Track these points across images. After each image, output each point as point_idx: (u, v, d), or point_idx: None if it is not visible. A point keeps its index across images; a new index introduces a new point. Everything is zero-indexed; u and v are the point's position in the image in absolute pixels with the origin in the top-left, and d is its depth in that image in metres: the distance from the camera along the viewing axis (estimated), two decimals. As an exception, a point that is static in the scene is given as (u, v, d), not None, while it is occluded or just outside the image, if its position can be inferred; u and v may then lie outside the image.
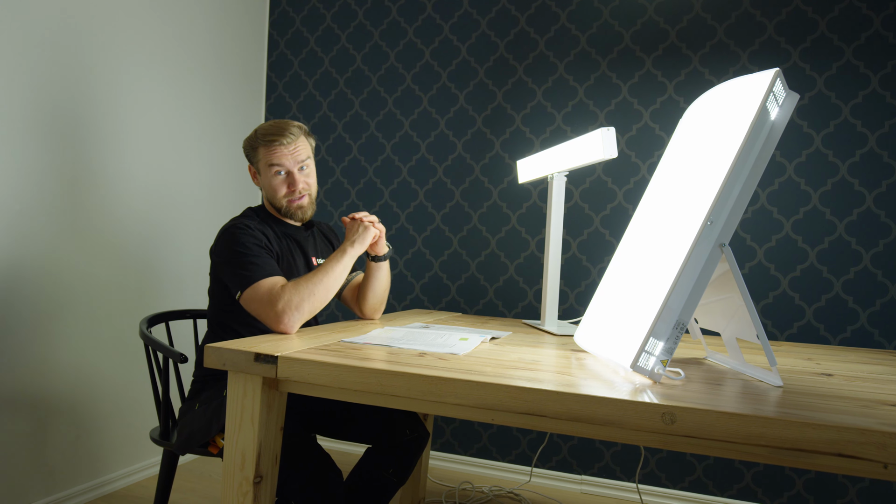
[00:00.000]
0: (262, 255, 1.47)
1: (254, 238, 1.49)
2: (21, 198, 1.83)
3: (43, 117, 1.89)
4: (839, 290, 2.20)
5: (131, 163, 2.22)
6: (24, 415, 1.87)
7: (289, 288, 1.40)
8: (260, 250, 1.48)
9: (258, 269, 1.42)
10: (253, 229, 1.52)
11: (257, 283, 1.40)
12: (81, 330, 2.04)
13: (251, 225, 1.53)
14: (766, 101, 1.00)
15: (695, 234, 0.99)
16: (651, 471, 2.34)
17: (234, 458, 1.18)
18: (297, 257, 1.66)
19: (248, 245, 1.46)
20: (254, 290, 1.40)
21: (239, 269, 1.43)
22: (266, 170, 1.60)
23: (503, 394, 0.96)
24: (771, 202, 2.26)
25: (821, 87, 2.21)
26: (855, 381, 1.15)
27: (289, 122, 1.62)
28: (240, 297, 1.42)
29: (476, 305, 2.61)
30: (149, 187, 2.30)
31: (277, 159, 1.58)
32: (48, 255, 1.92)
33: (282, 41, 2.93)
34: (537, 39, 2.53)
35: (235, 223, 1.53)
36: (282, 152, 1.58)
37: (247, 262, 1.43)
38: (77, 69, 1.99)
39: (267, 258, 1.47)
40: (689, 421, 0.86)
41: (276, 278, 1.43)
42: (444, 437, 2.62)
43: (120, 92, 2.16)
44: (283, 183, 1.61)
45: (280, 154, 1.58)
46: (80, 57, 2.00)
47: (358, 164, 2.81)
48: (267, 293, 1.39)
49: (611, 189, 2.43)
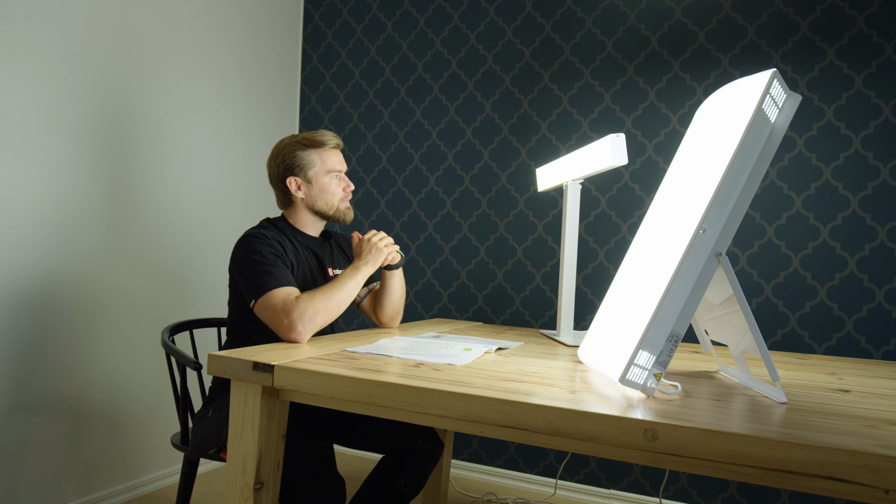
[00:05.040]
0: (277, 264, 1.50)
1: (270, 247, 1.52)
2: (62, 210, 1.94)
3: (85, 130, 2.00)
4: (824, 296, 2.10)
5: (170, 176, 2.31)
6: (62, 418, 1.97)
7: (304, 298, 1.42)
8: (276, 259, 1.51)
9: (272, 279, 1.45)
10: (269, 238, 1.55)
11: (271, 293, 1.43)
12: (117, 338, 2.14)
13: (268, 234, 1.56)
14: (763, 103, 0.95)
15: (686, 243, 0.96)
16: (682, 487, 2.26)
17: (236, 464, 1.20)
18: (314, 268, 1.68)
19: (263, 254, 1.50)
20: (267, 298, 1.43)
21: (253, 278, 1.46)
22: (323, 175, 1.67)
23: (486, 406, 0.95)
24: (753, 207, 2.18)
25: (803, 89, 2.13)
26: (871, 398, 1.08)
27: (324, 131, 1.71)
28: (253, 305, 1.45)
29: (503, 315, 2.59)
30: (186, 200, 2.39)
31: (337, 163, 1.69)
32: (86, 265, 2.02)
33: (315, 55, 3.00)
34: (563, 46, 2.50)
35: (252, 233, 1.57)
36: (338, 155, 1.70)
37: (261, 270, 1.46)
38: (119, 83, 2.09)
39: (282, 268, 1.50)
40: (672, 438, 0.83)
41: (289, 288, 1.45)
42: (472, 448, 2.61)
43: (160, 105, 2.25)
44: (340, 185, 1.70)
45: (339, 159, 1.70)
46: (123, 71, 2.10)
47: (387, 175, 2.84)
48: (281, 302, 1.41)
49: (638, 196, 2.37)
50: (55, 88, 1.91)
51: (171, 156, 2.33)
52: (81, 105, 1.99)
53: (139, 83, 2.18)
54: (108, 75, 2.07)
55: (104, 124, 2.07)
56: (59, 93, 1.92)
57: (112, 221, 2.11)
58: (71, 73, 1.95)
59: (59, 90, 1.92)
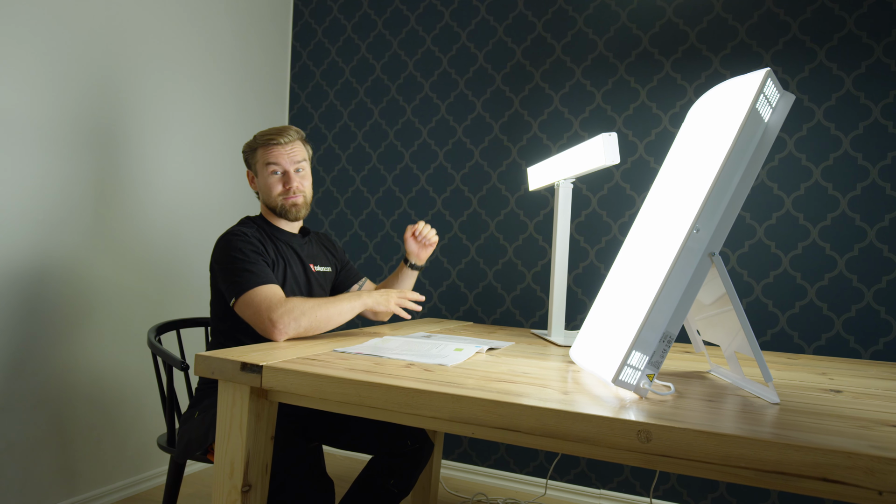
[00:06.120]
0: (258, 262, 1.48)
1: (250, 245, 1.51)
2: (45, 207, 1.90)
3: (70, 127, 1.96)
4: (813, 296, 2.11)
5: (156, 174, 2.28)
6: (46, 419, 1.93)
7: (296, 299, 1.41)
8: (257, 257, 1.49)
9: (253, 277, 1.43)
10: (249, 237, 1.53)
11: (253, 290, 1.41)
12: (102, 338, 2.10)
13: (248, 232, 1.55)
14: (757, 103, 0.95)
15: (680, 243, 0.95)
16: (672, 486, 2.26)
17: (224, 466, 1.18)
18: (295, 264, 1.66)
19: (244, 251, 1.48)
20: (249, 296, 1.41)
21: (234, 276, 1.44)
22: (263, 169, 1.64)
23: (477, 407, 0.93)
24: (743, 207, 2.20)
25: (794, 90, 2.15)
26: (863, 399, 1.08)
27: (287, 125, 1.67)
28: (234, 303, 1.43)
29: (493, 314, 2.58)
30: (172, 198, 2.36)
31: (274, 158, 1.62)
32: (71, 264, 1.99)
33: (304, 52, 2.98)
34: (554, 45, 2.50)
35: (232, 230, 1.55)
36: (279, 151, 1.63)
37: (242, 269, 1.44)
38: (104, 79, 2.06)
39: (263, 265, 1.48)
40: (666, 439, 0.82)
41: (272, 286, 1.43)
42: (462, 448, 2.59)
43: (146, 102, 2.22)
44: (279, 181, 1.64)
45: (277, 153, 1.63)
46: (107, 66, 2.07)
47: (377, 173, 2.82)
48: (264, 300, 1.39)
49: (629, 195, 2.37)
50: (40, 86, 1.87)
51: (158, 153, 2.29)
52: (66, 102, 1.95)
53: (124, 79, 2.15)
54: (92, 71, 2.04)
55: (89, 121, 2.03)
56: (44, 90, 1.89)
57: (97, 219, 2.08)
58: (54, 70, 1.91)
59: (43, 87, 1.88)
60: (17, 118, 1.82)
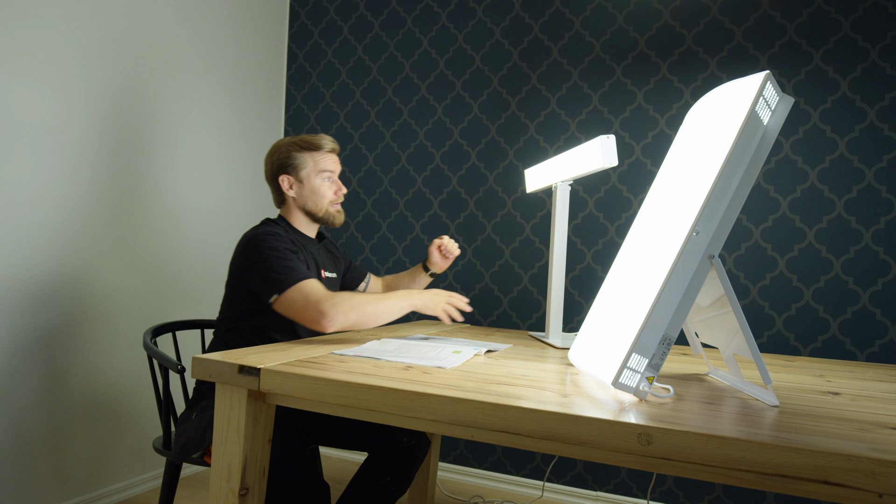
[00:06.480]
0: (296, 259, 1.50)
1: (284, 244, 1.52)
2: (42, 211, 1.89)
3: (67, 132, 1.95)
4: (809, 298, 2.12)
5: (153, 177, 2.27)
6: (41, 421, 1.92)
7: (345, 293, 1.44)
8: (292, 255, 1.50)
9: (296, 273, 1.45)
10: (282, 236, 1.55)
11: (300, 284, 1.42)
12: (98, 340, 2.09)
13: (279, 232, 1.56)
14: (756, 105, 0.95)
15: (679, 246, 0.95)
16: (669, 489, 2.26)
17: (221, 469, 1.17)
18: (312, 268, 1.67)
19: (279, 249, 1.49)
20: (296, 290, 1.42)
21: (274, 273, 1.44)
22: (315, 175, 1.68)
23: (477, 410, 0.93)
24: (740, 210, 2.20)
25: (790, 93, 2.15)
26: (861, 401, 1.08)
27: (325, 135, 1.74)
28: (276, 299, 1.43)
29: (490, 316, 2.58)
30: (169, 201, 2.35)
31: (330, 165, 1.70)
32: (68, 267, 1.97)
33: (301, 54, 2.97)
34: (551, 47, 2.50)
35: (263, 230, 1.55)
36: (333, 159, 1.71)
37: (283, 266, 1.45)
38: (101, 84, 2.05)
39: (301, 263, 1.51)
40: (666, 442, 0.82)
41: (316, 281, 1.46)
42: (458, 450, 2.59)
43: (140, 105, 2.21)
44: (331, 188, 1.70)
45: (332, 161, 1.71)
46: (106, 72, 2.06)
47: (374, 175, 2.81)
48: (313, 292, 1.41)
49: (626, 198, 2.37)
50: (43, 91, 1.86)
51: (155, 157, 2.28)
52: (63, 107, 1.94)
53: (120, 83, 2.14)
54: (93, 77, 2.03)
55: (85, 127, 2.02)
56: (42, 94, 1.87)
57: (93, 223, 2.06)
58: (58, 76, 1.90)
59: (44, 92, 1.87)
60: (15, 123, 1.80)
